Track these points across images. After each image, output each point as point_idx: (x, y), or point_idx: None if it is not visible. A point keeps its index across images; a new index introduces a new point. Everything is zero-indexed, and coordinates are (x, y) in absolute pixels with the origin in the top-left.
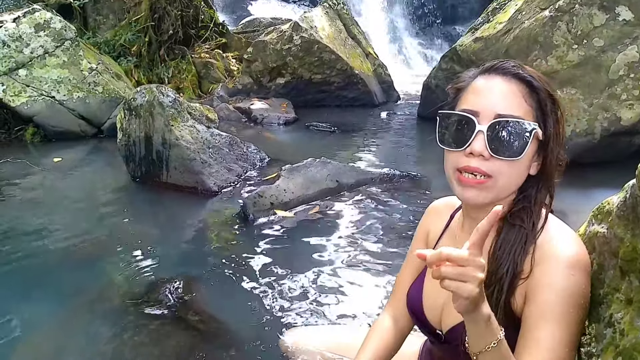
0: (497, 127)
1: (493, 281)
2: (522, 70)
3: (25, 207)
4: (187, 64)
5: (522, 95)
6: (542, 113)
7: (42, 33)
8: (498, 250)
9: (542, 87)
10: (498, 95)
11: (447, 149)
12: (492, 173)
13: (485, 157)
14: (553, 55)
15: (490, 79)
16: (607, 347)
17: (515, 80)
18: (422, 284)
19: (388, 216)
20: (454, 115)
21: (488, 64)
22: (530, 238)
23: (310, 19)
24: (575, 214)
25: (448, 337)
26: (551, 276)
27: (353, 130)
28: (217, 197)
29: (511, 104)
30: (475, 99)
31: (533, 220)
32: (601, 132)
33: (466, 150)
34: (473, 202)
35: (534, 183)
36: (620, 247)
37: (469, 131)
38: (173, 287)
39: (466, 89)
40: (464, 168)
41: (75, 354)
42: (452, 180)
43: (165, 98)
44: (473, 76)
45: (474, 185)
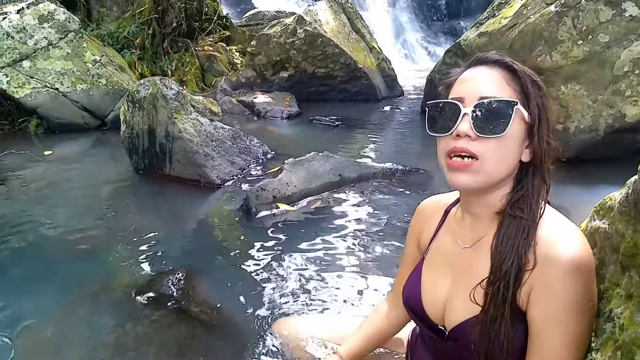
0: (481, 107)
1: (499, 276)
2: (501, 57)
3: (29, 198)
4: (191, 57)
5: (504, 80)
6: (525, 96)
7: (46, 25)
8: (501, 245)
9: (524, 70)
10: (481, 81)
11: (436, 136)
12: (478, 154)
13: (472, 138)
14: (558, 50)
15: (475, 69)
16: (606, 342)
17: (497, 67)
18: (419, 279)
19: (390, 210)
20: (441, 103)
21: (473, 57)
22: (532, 228)
23: (315, 13)
24: (578, 210)
25: (453, 335)
26: (554, 281)
27: (356, 125)
28: (220, 190)
29: (493, 87)
30: (461, 87)
31: (532, 209)
32: (605, 128)
33: (453, 133)
34: (464, 186)
35: (528, 171)
36: (622, 242)
37: (455, 115)
38: (175, 278)
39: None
40: (452, 150)
41: (78, 344)
42: (444, 167)
43: (169, 91)
44: (461, 71)
45: (462, 168)
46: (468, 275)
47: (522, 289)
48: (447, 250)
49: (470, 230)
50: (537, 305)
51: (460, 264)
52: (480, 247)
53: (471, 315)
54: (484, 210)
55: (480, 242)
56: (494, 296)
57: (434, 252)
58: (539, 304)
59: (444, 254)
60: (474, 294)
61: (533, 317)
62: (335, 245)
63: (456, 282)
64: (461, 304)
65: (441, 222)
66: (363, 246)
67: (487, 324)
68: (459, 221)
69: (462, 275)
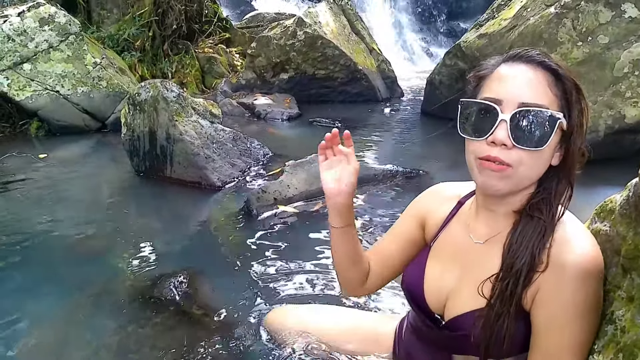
0: (521, 116)
1: (509, 275)
2: (547, 58)
3: (30, 201)
4: (191, 59)
5: (547, 84)
6: (567, 103)
7: (46, 27)
8: (515, 244)
9: (568, 76)
10: (522, 84)
11: (468, 138)
12: (512, 163)
13: (508, 147)
14: (557, 52)
15: (515, 67)
16: (608, 344)
17: (540, 69)
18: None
19: (391, 212)
20: (476, 103)
21: (512, 51)
22: (548, 230)
23: (315, 15)
24: (578, 211)
25: (450, 325)
26: (562, 285)
27: (356, 126)
28: (221, 192)
29: (536, 93)
30: (499, 87)
31: (552, 212)
32: (605, 129)
33: (488, 139)
34: (492, 190)
35: (554, 174)
36: (623, 245)
37: (492, 120)
38: (177, 281)
39: (489, 77)
40: (486, 157)
41: (80, 346)
42: (474, 168)
43: (170, 93)
44: (496, 64)
45: (495, 170)
46: (478, 270)
47: (529, 288)
48: (457, 243)
49: (484, 225)
50: (543, 306)
51: (470, 258)
52: (493, 244)
53: (474, 308)
54: (503, 208)
55: (494, 239)
56: (502, 292)
57: (443, 243)
58: (545, 305)
59: (454, 246)
60: (482, 287)
61: (537, 317)
62: None
63: (464, 275)
64: (466, 297)
65: (453, 213)
66: (364, 248)
67: (491, 319)
68: (473, 215)
69: (471, 269)
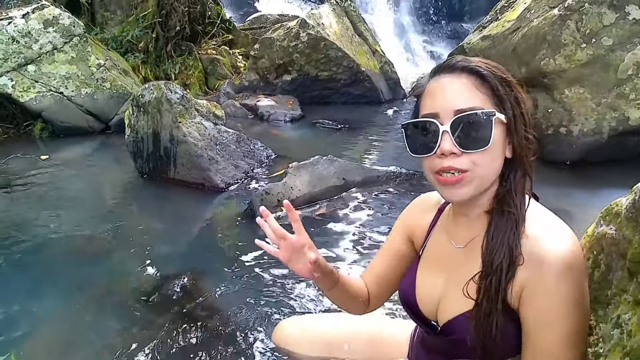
0: (459, 122)
1: (491, 271)
2: (468, 62)
3: (34, 202)
4: (194, 60)
5: (474, 87)
6: (498, 98)
7: (50, 29)
8: (491, 241)
9: (491, 73)
10: (451, 92)
11: (419, 157)
12: (467, 167)
13: (457, 154)
14: (561, 54)
15: (441, 79)
16: (614, 348)
17: (464, 74)
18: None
19: (395, 214)
20: (416, 123)
21: (436, 65)
22: (519, 221)
23: (318, 16)
24: (583, 213)
25: (444, 330)
26: (543, 282)
27: (359, 128)
28: (224, 194)
29: (466, 97)
30: (432, 101)
31: (517, 202)
32: (609, 131)
33: (437, 152)
34: (458, 199)
35: (511, 167)
36: (629, 248)
37: (434, 133)
38: (181, 282)
39: (423, 94)
40: (440, 169)
41: (84, 348)
42: (435, 183)
43: (173, 95)
44: (426, 81)
45: (453, 183)
46: (461, 273)
47: (513, 286)
48: (441, 250)
49: (462, 230)
50: (529, 304)
51: (454, 263)
52: (473, 247)
53: (464, 311)
54: (475, 211)
55: (473, 242)
56: (486, 290)
57: (429, 251)
58: (531, 302)
59: (439, 253)
60: (466, 289)
61: (525, 315)
62: (340, 249)
63: (450, 280)
64: (454, 301)
65: (434, 221)
66: (368, 250)
67: (480, 318)
68: (452, 221)
69: (455, 274)
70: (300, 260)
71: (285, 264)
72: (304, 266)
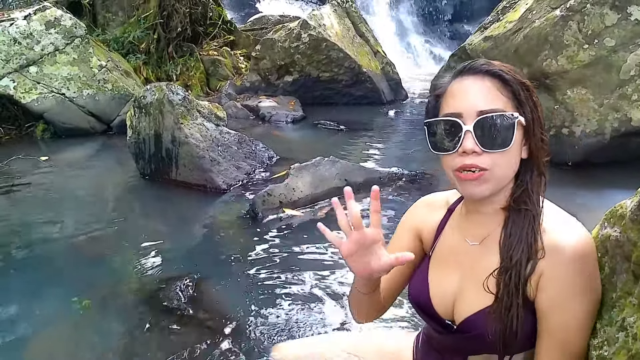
0: (482, 123)
1: (509, 265)
2: (491, 66)
3: (36, 203)
4: (195, 61)
5: (497, 89)
6: (519, 101)
7: (52, 30)
8: (510, 237)
9: (513, 78)
10: (475, 94)
11: (441, 154)
12: (487, 166)
13: (478, 153)
14: (563, 55)
15: (464, 80)
16: (619, 351)
17: (487, 77)
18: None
19: (397, 215)
20: (440, 121)
21: (459, 67)
22: (537, 218)
23: (319, 17)
24: (586, 214)
25: (462, 327)
26: (558, 268)
27: (361, 129)
28: (226, 195)
29: (489, 99)
30: (455, 101)
31: (535, 201)
32: (612, 132)
33: (459, 151)
34: (479, 196)
35: (527, 167)
36: (634, 251)
37: (457, 133)
38: (183, 284)
39: (444, 95)
40: (462, 167)
41: (87, 350)
42: (454, 180)
43: (175, 96)
44: (448, 81)
45: (474, 179)
46: (478, 270)
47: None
48: (454, 248)
49: (477, 227)
50: (545, 290)
51: (469, 260)
52: (488, 243)
53: (483, 307)
54: (491, 207)
55: (488, 238)
56: (506, 284)
57: (441, 250)
58: (547, 288)
59: (452, 251)
60: (487, 283)
61: (541, 302)
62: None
63: (465, 277)
64: (472, 297)
65: (445, 220)
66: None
67: (501, 312)
68: (465, 219)
69: (471, 271)
70: (365, 258)
71: (344, 257)
72: (365, 265)
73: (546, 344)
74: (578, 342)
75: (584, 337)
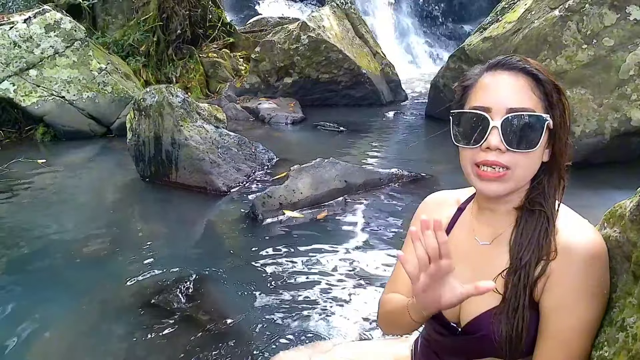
0: (511, 121)
1: (519, 266)
2: (527, 64)
3: (36, 206)
4: (195, 64)
5: (530, 88)
6: (550, 104)
7: (52, 33)
8: (521, 237)
9: (548, 79)
10: (507, 90)
11: (463, 147)
12: (509, 165)
13: (502, 151)
14: (562, 55)
15: (498, 75)
16: (619, 351)
17: (522, 75)
18: None
19: (397, 216)
20: (467, 113)
21: (493, 60)
22: (551, 221)
23: (318, 19)
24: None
25: (468, 328)
26: (568, 269)
27: (361, 130)
28: (226, 197)
29: (521, 98)
30: (485, 95)
31: (550, 204)
32: (611, 132)
33: (482, 146)
34: (494, 194)
35: (546, 169)
36: (633, 251)
37: (484, 127)
38: (183, 286)
39: (474, 86)
40: (483, 162)
41: (88, 352)
42: (471, 174)
43: (175, 98)
44: (480, 73)
45: (494, 179)
46: (487, 269)
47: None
48: (464, 247)
49: (488, 226)
50: (553, 290)
51: (479, 259)
52: (499, 242)
53: (489, 307)
54: (503, 207)
55: (499, 238)
56: (514, 285)
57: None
58: (555, 289)
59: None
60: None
61: (548, 302)
62: (342, 252)
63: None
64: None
65: (455, 219)
66: (369, 253)
67: (508, 313)
68: (476, 218)
69: (481, 270)
70: (436, 291)
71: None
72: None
73: (547, 345)
74: (581, 345)
75: (587, 341)
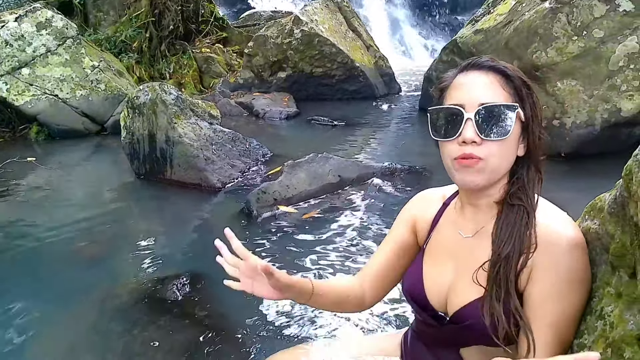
0: (483, 112)
1: (500, 259)
2: (496, 63)
3: (32, 205)
4: (188, 59)
5: (500, 85)
6: (520, 98)
7: (44, 32)
8: (501, 231)
9: (516, 75)
10: (478, 87)
11: (441, 141)
12: (484, 156)
13: (478, 143)
14: (553, 47)
15: (469, 75)
16: (597, 339)
17: (492, 72)
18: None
19: (391, 209)
20: (443, 109)
21: (465, 62)
22: (531, 214)
23: (311, 12)
24: (577, 205)
25: (455, 318)
26: (555, 259)
27: (355, 124)
28: (221, 193)
29: (492, 93)
30: (459, 93)
31: (530, 197)
32: (602, 123)
33: (459, 138)
34: (471, 184)
35: (523, 164)
36: (611, 243)
37: (459, 121)
38: (180, 283)
39: (449, 87)
40: (461, 156)
41: (86, 350)
42: (451, 168)
43: (168, 96)
44: (453, 75)
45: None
46: (470, 262)
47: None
48: (448, 241)
49: (471, 220)
50: (538, 281)
51: (462, 252)
52: (481, 235)
53: (475, 297)
54: (485, 201)
55: (481, 231)
56: (495, 277)
57: (435, 243)
58: (540, 280)
59: (446, 244)
60: (476, 276)
61: (531, 291)
62: (338, 247)
63: (458, 269)
64: (465, 288)
65: (440, 214)
66: (365, 246)
67: (489, 304)
68: (460, 212)
69: (464, 262)
70: (263, 282)
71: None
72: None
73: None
74: (571, 329)
75: (575, 326)
